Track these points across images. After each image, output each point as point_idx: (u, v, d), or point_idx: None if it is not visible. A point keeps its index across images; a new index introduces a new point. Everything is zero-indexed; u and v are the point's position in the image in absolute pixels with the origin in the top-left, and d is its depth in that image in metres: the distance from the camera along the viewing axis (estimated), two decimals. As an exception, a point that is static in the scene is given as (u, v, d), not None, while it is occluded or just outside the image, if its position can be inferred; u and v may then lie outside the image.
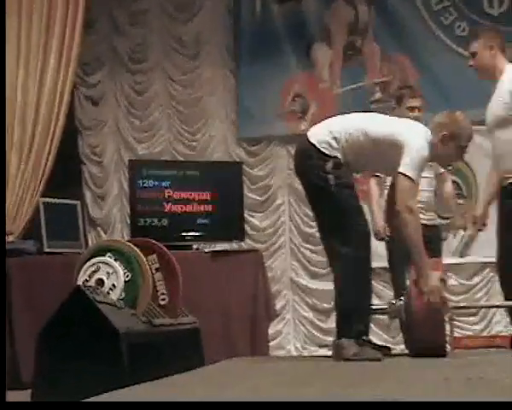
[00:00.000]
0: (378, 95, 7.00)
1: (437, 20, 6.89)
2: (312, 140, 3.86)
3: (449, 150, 3.88)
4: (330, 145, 3.81)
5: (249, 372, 3.55)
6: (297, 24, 7.11)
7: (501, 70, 4.22)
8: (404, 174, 3.74)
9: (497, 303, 4.72)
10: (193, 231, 5.23)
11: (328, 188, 3.79)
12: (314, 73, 7.16)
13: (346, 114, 4.02)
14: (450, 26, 6.84)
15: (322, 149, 3.81)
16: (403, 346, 4.55)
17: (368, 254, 3.84)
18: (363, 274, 3.83)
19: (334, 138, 3.82)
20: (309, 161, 3.88)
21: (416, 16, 6.92)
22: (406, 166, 3.74)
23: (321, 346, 6.80)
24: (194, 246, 5.25)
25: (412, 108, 4.86)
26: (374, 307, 4.08)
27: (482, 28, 5.50)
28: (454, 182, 5.63)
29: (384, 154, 3.84)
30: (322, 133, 3.88)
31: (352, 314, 3.78)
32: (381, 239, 4.84)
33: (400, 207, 3.76)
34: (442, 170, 4.83)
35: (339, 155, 3.81)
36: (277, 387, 2.78)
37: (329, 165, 3.79)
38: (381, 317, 4.33)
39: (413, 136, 3.81)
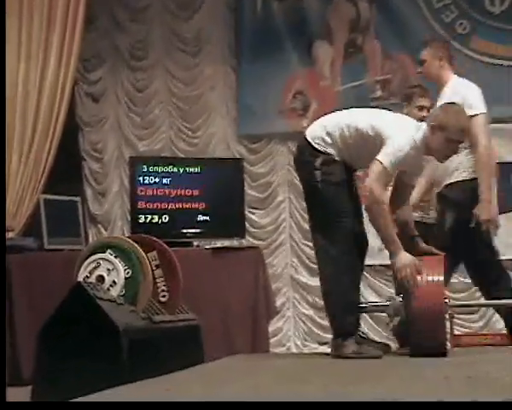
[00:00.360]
0: (379, 92, 6.99)
1: (438, 17, 6.88)
2: (307, 136, 3.87)
3: (437, 141, 3.76)
4: (324, 141, 3.81)
5: (249, 370, 3.55)
6: (298, 21, 7.10)
7: (446, 80, 4.48)
8: (379, 161, 3.71)
9: (498, 301, 4.69)
10: (193, 227, 5.23)
11: (315, 184, 3.81)
12: (315, 70, 7.15)
13: (342, 110, 4.01)
14: (451, 24, 6.83)
15: (314, 145, 3.82)
16: (403, 344, 4.54)
17: (350, 253, 3.79)
18: (346, 273, 3.78)
19: (328, 134, 3.82)
20: (302, 156, 3.91)
21: (417, 14, 6.91)
22: (383, 155, 3.70)
23: (321, 343, 6.79)
24: (195, 243, 5.25)
25: (421, 108, 4.78)
26: (374, 303, 4.07)
27: (432, 38, 5.73)
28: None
29: (374, 150, 3.81)
30: (316, 129, 3.89)
31: (340, 313, 3.77)
32: None
33: (369, 198, 3.71)
34: None
35: (332, 151, 3.81)
36: (277, 384, 2.78)
37: (319, 161, 3.79)
38: (381, 314, 4.31)
39: (398, 130, 3.76)
